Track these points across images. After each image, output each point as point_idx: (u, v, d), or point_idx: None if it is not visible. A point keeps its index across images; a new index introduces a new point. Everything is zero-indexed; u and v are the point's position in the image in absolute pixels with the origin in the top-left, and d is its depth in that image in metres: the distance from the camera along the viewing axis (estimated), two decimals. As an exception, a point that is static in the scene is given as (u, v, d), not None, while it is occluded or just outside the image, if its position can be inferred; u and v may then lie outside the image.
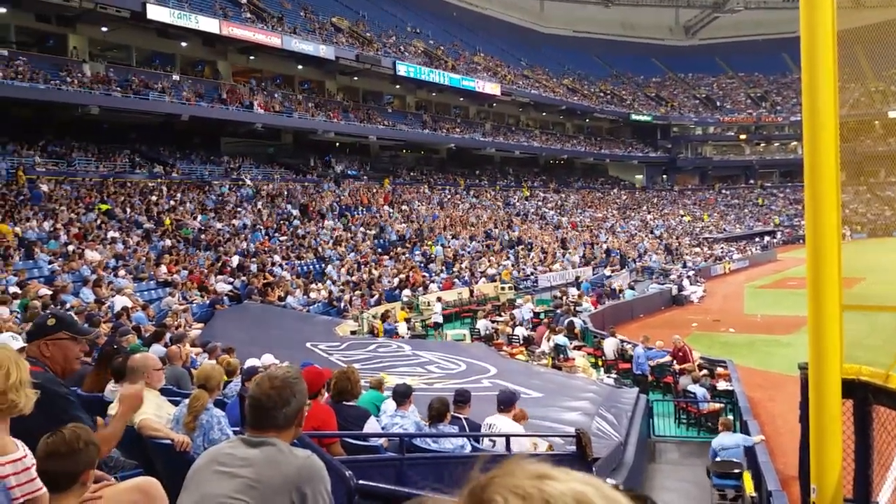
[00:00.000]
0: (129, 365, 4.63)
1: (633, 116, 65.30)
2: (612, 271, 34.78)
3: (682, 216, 57.92)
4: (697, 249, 46.42)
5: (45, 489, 2.56)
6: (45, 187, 24.86)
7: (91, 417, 3.59)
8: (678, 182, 69.23)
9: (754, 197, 66.82)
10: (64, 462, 2.61)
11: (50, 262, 18.44)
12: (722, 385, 15.34)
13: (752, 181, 69.79)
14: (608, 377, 16.30)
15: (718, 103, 71.59)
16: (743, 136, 69.71)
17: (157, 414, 4.33)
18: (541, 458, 0.77)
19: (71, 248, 20.07)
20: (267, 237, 27.90)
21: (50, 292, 14.55)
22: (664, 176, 69.87)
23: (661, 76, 75.75)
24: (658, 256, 41.69)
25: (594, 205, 55.04)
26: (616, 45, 74.60)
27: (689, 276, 34.93)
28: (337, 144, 44.62)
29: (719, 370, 16.44)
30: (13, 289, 14.24)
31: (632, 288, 31.00)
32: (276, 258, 25.85)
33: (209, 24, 33.72)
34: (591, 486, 0.72)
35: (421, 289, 27.41)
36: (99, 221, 23.50)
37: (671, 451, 13.55)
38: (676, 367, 16.56)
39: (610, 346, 18.60)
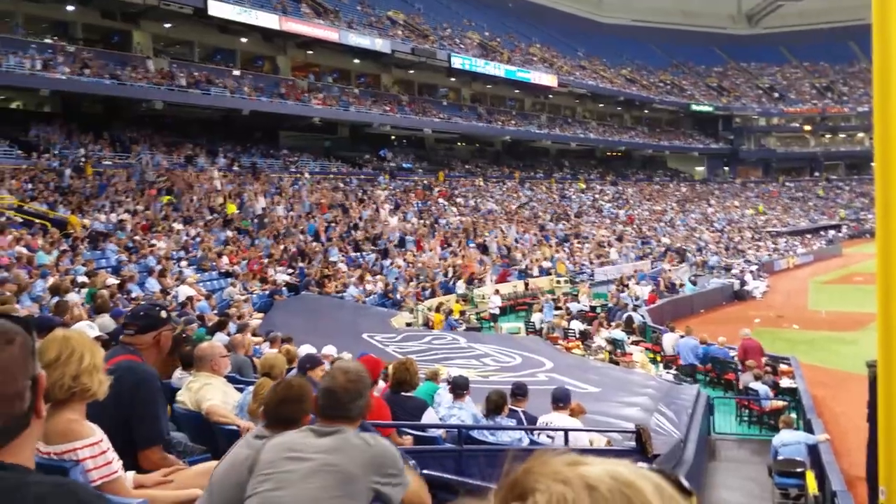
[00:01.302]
0: (196, 353, 4.79)
1: (694, 107, 63.86)
2: (671, 265, 34.22)
3: (744, 209, 56.44)
4: (761, 244, 45.29)
5: (120, 472, 2.67)
6: (111, 179, 25.71)
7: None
8: (740, 174, 67.46)
9: (818, 190, 64.78)
10: (293, 407, 2.86)
11: (117, 253, 19.08)
12: (785, 382, 14.99)
13: (816, 173, 67.61)
14: (667, 373, 16.07)
15: (782, 93, 69.48)
16: (808, 127, 67.58)
17: (223, 401, 4.47)
18: (588, 453, 0.79)
19: (137, 238, 20.71)
20: (324, 229, 28.28)
21: (117, 282, 15.02)
22: (726, 168, 68.20)
23: (722, 66, 73.88)
24: (719, 251, 40.83)
25: (653, 197, 54.08)
26: (676, 34, 72.97)
27: (751, 271, 34.15)
28: (392, 137, 44.91)
29: (782, 367, 16.06)
30: (81, 278, 14.71)
31: (693, 283, 30.44)
32: (333, 250, 26.20)
33: (269, 20, 34.32)
34: (624, 466, 0.74)
35: (476, 281, 27.43)
36: (163, 213, 24.18)
37: (732, 448, 13.30)
38: (738, 360, 16.25)
39: (669, 341, 18.32)
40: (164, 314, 3.65)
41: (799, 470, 9.80)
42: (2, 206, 19.38)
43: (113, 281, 14.88)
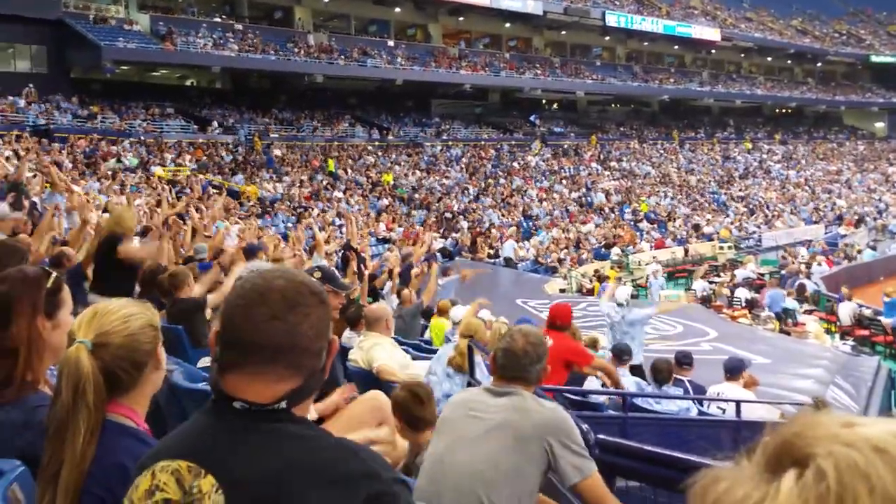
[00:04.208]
0: (367, 314, 4.96)
1: (873, 58, 58.24)
2: (848, 230, 31.72)
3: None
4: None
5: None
6: (277, 151, 27.17)
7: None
8: (926, 130, 61.07)
9: None
10: (423, 408, 2.95)
11: (285, 220, 20.22)
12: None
13: None
14: (844, 344, 14.95)
15: (980, 38, 61.83)
16: None
17: (395, 360, 4.62)
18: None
19: (301, 207, 21.83)
20: (475, 197, 28.49)
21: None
22: (910, 124, 61.98)
23: (907, 11, 66.80)
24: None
25: (827, 157, 50.12)
26: (854, -22, 66.68)
27: (938, 236, 31.06)
28: (543, 101, 44.29)
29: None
30: (255, 244, 15.73)
31: (872, 248, 28.09)
32: (485, 216, 26.36)
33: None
34: None
35: (631, 247, 26.69)
36: (325, 182, 25.29)
37: (918, 425, 12.25)
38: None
39: (846, 310, 16.99)
40: (317, 274, 3.69)
41: None
42: (181, 178, 21.00)
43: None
